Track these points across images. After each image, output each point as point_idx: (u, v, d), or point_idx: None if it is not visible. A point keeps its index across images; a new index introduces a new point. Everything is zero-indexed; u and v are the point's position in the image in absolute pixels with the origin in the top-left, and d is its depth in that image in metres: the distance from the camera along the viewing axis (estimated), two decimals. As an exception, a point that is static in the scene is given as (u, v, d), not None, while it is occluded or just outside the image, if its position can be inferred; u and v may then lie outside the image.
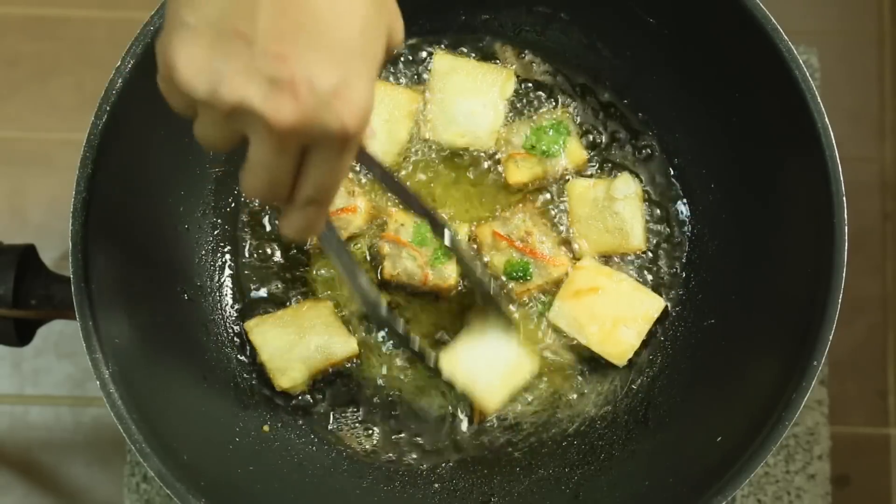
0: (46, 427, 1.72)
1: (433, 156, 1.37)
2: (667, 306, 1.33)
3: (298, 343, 1.29)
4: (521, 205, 1.34)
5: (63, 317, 1.29)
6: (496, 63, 1.39)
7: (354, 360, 1.33)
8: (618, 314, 1.29)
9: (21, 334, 1.29)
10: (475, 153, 1.36)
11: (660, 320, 1.33)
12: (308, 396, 1.33)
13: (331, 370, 1.32)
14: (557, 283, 1.32)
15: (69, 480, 1.71)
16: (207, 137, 0.86)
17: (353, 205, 1.33)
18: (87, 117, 1.14)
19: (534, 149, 1.33)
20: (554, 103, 1.39)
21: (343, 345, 1.31)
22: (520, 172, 1.34)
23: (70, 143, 1.72)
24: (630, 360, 1.31)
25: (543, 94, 1.40)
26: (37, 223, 1.79)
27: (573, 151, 1.35)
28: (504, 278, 1.32)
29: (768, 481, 1.58)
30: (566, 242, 1.34)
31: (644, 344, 1.32)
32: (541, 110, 1.38)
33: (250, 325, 1.31)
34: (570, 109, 1.38)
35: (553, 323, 1.31)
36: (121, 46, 1.15)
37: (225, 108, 0.79)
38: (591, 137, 1.38)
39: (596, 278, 1.30)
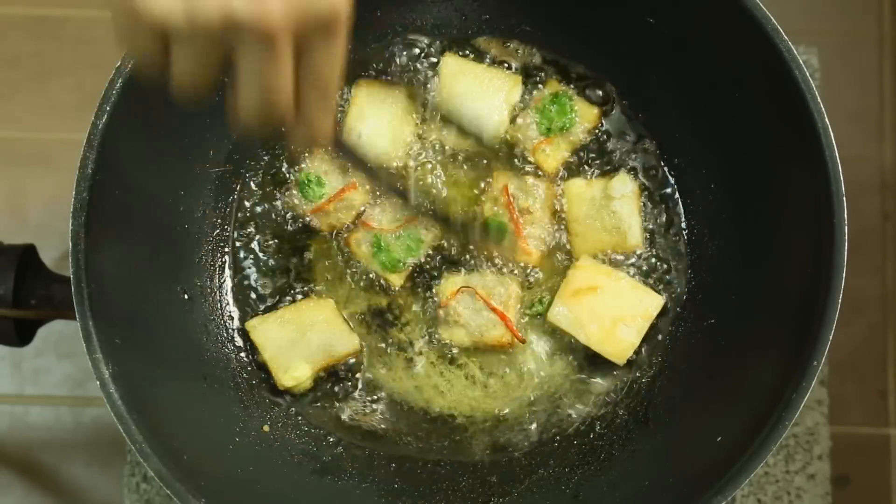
0: (46, 427, 1.72)
1: (440, 157, 1.37)
2: (666, 304, 1.33)
3: (300, 341, 1.29)
4: (547, 183, 1.34)
5: (63, 317, 1.29)
6: (504, 68, 1.39)
7: (357, 357, 1.33)
8: (617, 313, 1.29)
9: (21, 334, 1.29)
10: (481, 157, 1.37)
11: (660, 319, 1.33)
12: (309, 396, 1.33)
13: (333, 368, 1.32)
14: (513, 264, 1.33)
15: (69, 480, 1.71)
16: (189, 74, 0.79)
17: (351, 181, 1.33)
18: (87, 117, 1.14)
19: (550, 131, 1.34)
20: (541, 82, 1.39)
21: (346, 342, 1.31)
22: (551, 158, 1.35)
23: (70, 143, 1.72)
24: (630, 360, 1.31)
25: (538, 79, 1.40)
26: (37, 223, 1.79)
27: (584, 113, 1.36)
28: (480, 223, 1.33)
29: (768, 481, 1.58)
30: (554, 248, 1.34)
31: (644, 343, 1.32)
32: (534, 93, 1.38)
33: (251, 324, 1.31)
34: (557, 76, 1.38)
35: (553, 322, 1.31)
36: (121, 46, 1.15)
37: (209, 27, 0.73)
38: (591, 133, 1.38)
39: (595, 277, 1.30)
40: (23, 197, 1.81)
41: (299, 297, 1.36)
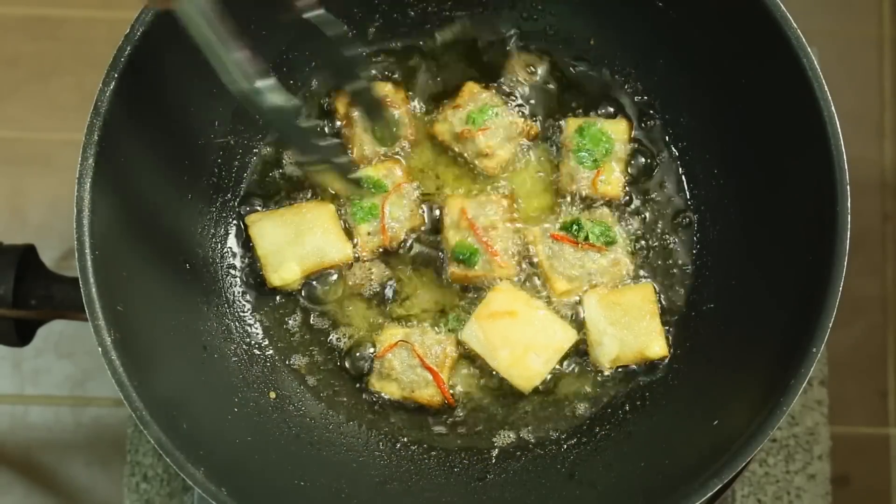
0: (46, 427, 1.72)
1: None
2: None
3: (295, 241, 1.30)
4: (501, 196, 1.33)
5: (63, 317, 1.29)
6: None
7: (371, 344, 1.33)
8: (529, 341, 1.28)
9: (21, 334, 1.30)
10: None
11: (660, 303, 1.33)
12: (307, 365, 1.33)
13: (321, 273, 1.34)
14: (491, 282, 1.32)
15: (69, 480, 1.72)
16: None
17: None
18: (87, 117, 1.14)
19: (597, 161, 1.31)
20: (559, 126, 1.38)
21: (339, 249, 1.31)
22: (611, 184, 1.31)
23: (70, 143, 1.72)
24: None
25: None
26: (37, 223, 1.79)
27: (614, 129, 1.33)
28: (449, 254, 1.32)
29: (768, 481, 1.58)
30: (524, 255, 1.33)
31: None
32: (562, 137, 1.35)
33: (252, 219, 1.32)
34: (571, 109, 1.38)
35: (465, 342, 1.30)
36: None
37: None
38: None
39: (513, 303, 1.29)
40: (23, 197, 1.81)
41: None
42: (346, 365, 1.33)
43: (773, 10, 1.15)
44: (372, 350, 1.33)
